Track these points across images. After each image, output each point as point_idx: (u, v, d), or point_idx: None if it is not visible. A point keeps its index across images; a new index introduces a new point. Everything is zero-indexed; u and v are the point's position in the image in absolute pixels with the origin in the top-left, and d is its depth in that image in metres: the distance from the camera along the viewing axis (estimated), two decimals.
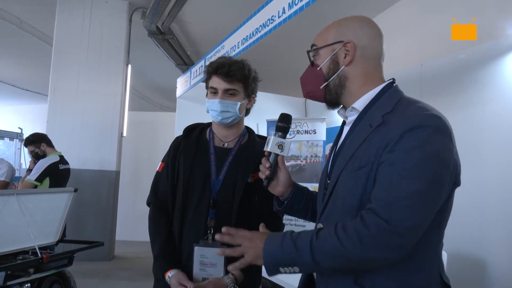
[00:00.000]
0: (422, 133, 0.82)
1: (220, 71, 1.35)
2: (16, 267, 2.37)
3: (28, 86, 9.37)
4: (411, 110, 0.88)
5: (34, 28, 6.02)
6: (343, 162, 0.92)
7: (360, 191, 0.86)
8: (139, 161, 6.98)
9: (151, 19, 5.35)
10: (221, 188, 1.34)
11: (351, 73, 0.97)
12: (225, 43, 3.36)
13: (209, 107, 1.39)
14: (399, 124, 0.84)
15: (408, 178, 0.80)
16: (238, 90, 1.38)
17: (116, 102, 5.42)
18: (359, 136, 0.92)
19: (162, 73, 8.04)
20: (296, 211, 1.15)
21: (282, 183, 1.11)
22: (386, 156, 0.83)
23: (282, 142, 1.08)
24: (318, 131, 4.13)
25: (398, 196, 0.79)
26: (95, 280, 4.35)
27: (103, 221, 5.25)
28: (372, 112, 0.93)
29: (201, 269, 1.27)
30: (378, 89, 0.96)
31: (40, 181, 3.38)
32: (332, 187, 0.93)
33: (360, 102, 0.96)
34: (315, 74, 1.00)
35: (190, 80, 4.50)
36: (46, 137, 3.70)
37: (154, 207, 1.44)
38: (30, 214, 2.57)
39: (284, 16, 2.31)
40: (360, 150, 0.89)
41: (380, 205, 0.80)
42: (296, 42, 5.31)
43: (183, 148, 1.41)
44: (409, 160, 0.80)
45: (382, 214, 0.79)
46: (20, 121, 9.86)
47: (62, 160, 3.64)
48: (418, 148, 0.81)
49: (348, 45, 0.96)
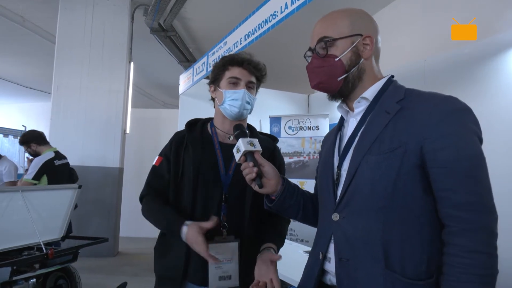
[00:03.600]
0: (463, 116, 0.87)
1: (247, 63, 1.35)
2: (21, 262, 2.39)
3: (31, 84, 9.41)
4: (429, 95, 0.92)
5: (37, 26, 6.04)
6: (364, 148, 0.91)
7: (394, 174, 0.86)
8: (142, 158, 7.00)
9: (153, 16, 5.35)
10: (231, 184, 1.32)
11: (367, 66, 0.99)
12: (227, 40, 3.36)
13: (229, 97, 1.34)
14: (430, 107, 0.87)
15: (471, 169, 0.83)
16: (255, 85, 1.40)
17: (119, 99, 5.44)
18: (377, 123, 0.92)
19: (165, 70, 8.05)
20: (288, 207, 1.13)
21: (271, 175, 1.10)
22: (434, 142, 0.85)
23: (251, 141, 1.13)
24: (321, 127, 4.13)
25: (475, 192, 0.82)
26: (100, 275, 4.39)
27: (107, 217, 5.29)
28: (384, 100, 0.95)
29: (217, 267, 1.25)
30: (384, 80, 1.00)
31: (38, 179, 3.37)
32: (352, 175, 0.91)
33: (370, 92, 0.98)
34: (334, 64, 0.97)
35: (193, 77, 4.49)
36: (37, 135, 3.64)
37: (149, 196, 1.38)
38: (35, 211, 2.59)
39: (286, 11, 2.30)
40: (385, 134, 0.89)
41: (468, 210, 0.82)
42: (298, 38, 5.30)
43: (189, 142, 1.36)
44: (462, 142, 0.84)
45: (478, 222, 0.81)
46: (24, 119, 9.92)
47: (58, 156, 3.61)
48: (465, 130, 0.85)
49: (367, 39, 0.98)
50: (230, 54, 1.43)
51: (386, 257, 0.86)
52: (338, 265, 0.92)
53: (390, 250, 0.86)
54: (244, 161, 1.11)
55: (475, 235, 0.80)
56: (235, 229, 1.30)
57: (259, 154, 1.12)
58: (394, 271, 0.85)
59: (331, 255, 0.96)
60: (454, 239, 0.82)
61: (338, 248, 0.93)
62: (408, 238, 0.86)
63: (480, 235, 0.80)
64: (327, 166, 1.03)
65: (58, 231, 2.89)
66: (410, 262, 0.85)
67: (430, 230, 0.87)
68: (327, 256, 0.97)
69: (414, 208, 0.87)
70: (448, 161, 0.83)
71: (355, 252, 0.90)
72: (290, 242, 3.08)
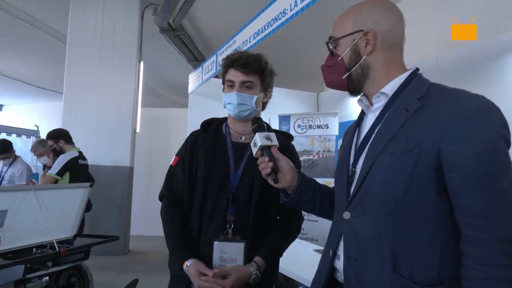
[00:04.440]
0: (487, 116, 0.80)
1: (237, 63, 1.35)
2: (34, 260, 2.42)
3: (43, 84, 9.55)
4: (454, 92, 0.86)
5: (48, 26, 6.12)
6: (378, 147, 0.88)
7: (407, 176, 0.82)
8: (152, 157, 7.06)
9: (163, 16, 5.38)
10: (240, 183, 1.33)
11: (374, 62, 0.95)
12: (236, 38, 3.35)
13: (226, 101, 1.38)
14: (451, 106, 0.81)
15: (493, 174, 0.77)
16: (255, 83, 1.37)
17: (129, 99, 5.48)
18: (395, 120, 0.88)
19: (174, 69, 8.09)
20: (304, 202, 1.12)
21: (287, 170, 1.10)
22: (452, 144, 0.79)
23: (268, 135, 1.13)
24: (330, 125, 4.10)
25: (494, 200, 0.77)
26: (111, 273, 4.43)
27: (118, 216, 5.34)
28: (405, 96, 0.90)
29: (221, 264, 1.26)
30: (406, 75, 0.94)
31: (61, 175, 3.44)
32: (365, 174, 0.89)
33: (389, 87, 0.93)
34: (337, 64, 0.98)
35: (202, 75, 4.50)
36: (66, 134, 3.75)
37: (167, 201, 1.42)
38: (47, 209, 2.62)
39: (296, 9, 2.28)
40: (401, 133, 0.85)
41: (484, 218, 0.77)
42: (308, 36, 5.28)
43: (202, 143, 1.38)
44: (483, 146, 0.78)
45: (495, 231, 0.76)
46: (36, 118, 10.08)
47: (81, 156, 3.71)
48: (488, 133, 0.79)
49: (369, 35, 0.93)
50: (228, 55, 1.43)
51: (394, 260, 0.84)
52: (346, 263, 0.91)
53: (399, 253, 0.84)
54: (260, 155, 1.11)
55: (492, 247, 0.76)
56: (241, 229, 1.30)
57: (275, 148, 1.12)
58: (402, 275, 0.83)
59: (340, 253, 0.95)
60: (470, 249, 0.78)
61: (347, 246, 0.92)
62: (419, 243, 0.83)
63: (498, 246, 0.75)
64: (343, 162, 1.02)
65: (70, 229, 2.93)
66: (420, 267, 0.82)
67: (445, 236, 0.83)
68: (337, 254, 0.97)
69: (427, 212, 0.83)
70: (465, 165, 0.78)
71: (363, 252, 0.88)
72: (300, 241, 3.06)
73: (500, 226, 0.76)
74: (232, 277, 1.20)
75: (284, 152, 1.21)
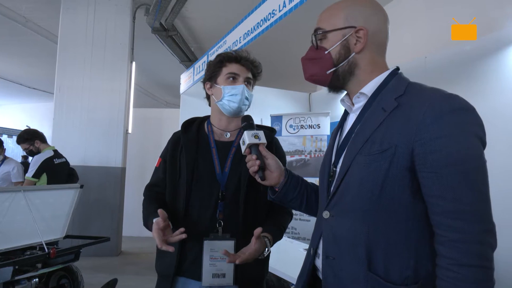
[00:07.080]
0: (462, 116, 0.79)
1: (244, 60, 1.36)
2: (23, 262, 2.40)
3: (34, 85, 9.47)
4: (430, 92, 0.85)
5: (39, 26, 6.08)
6: (356, 147, 0.88)
7: (382, 177, 0.82)
8: (145, 157, 7.02)
9: (155, 16, 5.36)
10: (228, 181, 1.32)
11: (361, 60, 0.94)
12: (227, 38, 3.36)
13: (228, 93, 1.34)
14: (425, 106, 0.80)
15: (466, 174, 0.76)
16: (252, 82, 1.40)
17: (121, 99, 5.45)
18: (372, 121, 0.88)
19: (167, 69, 8.07)
20: (290, 199, 1.13)
21: (274, 167, 1.10)
22: (425, 144, 0.79)
23: (255, 133, 1.14)
24: (322, 125, 4.12)
25: (466, 200, 0.76)
26: (103, 274, 4.40)
27: (109, 217, 5.31)
28: (383, 96, 0.90)
29: (211, 264, 1.26)
30: (385, 74, 0.94)
31: (38, 177, 3.38)
32: (343, 174, 0.90)
33: (368, 87, 0.93)
34: (322, 57, 0.95)
35: (193, 76, 4.50)
36: (39, 133, 3.66)
37: (148, 190, 1.43)
38: (37, 210, 2.61)
39: (284, 9, 2.30)
40: (377, 134, 0.85)
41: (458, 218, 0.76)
42: (297, 36, 5.28)
43: (183, 144, 1.36)
44: (456, 146, 0.78)
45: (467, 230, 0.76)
46: (27, 119, 9.98)
47: (57, 154, 3.62)
48: (461, 132, 0.78)
49: (361, 32, 0.91)
50: (225, 52, 1.43)
51: (369, 260, 0.84)
52: (324, 262, 0.92)
53: (374, 253, 0.84)
54: (249, 153, 1.13)
55: (464, 247, 0.75)
56: (231, 226, 1.30)
57: (263, 146, 1.13)
58: (377, 274, 0.83)
59: (320, 252, 0.96)
60: (443, 249, 0.78)
61: (325, 245, 0.93)
62: (394, 242, 0.84)
63: (470, 246, 0.75)
64: (325, 162, 1.03)
65: (60, 230, 2.91)
66: (395, 266, 0.83)
67: (420, 236, 0.83)
68: (317, 252, 0.98)
69: (401, 212, 0.83)
70: (438, 165, 0.78)
71: (340, 251, 0.89)
72: (291, 240, 3.08)
73: (472, 226, 0.75)
74: (251, 245, 1.19)
75: (269, 144, 1.22)
